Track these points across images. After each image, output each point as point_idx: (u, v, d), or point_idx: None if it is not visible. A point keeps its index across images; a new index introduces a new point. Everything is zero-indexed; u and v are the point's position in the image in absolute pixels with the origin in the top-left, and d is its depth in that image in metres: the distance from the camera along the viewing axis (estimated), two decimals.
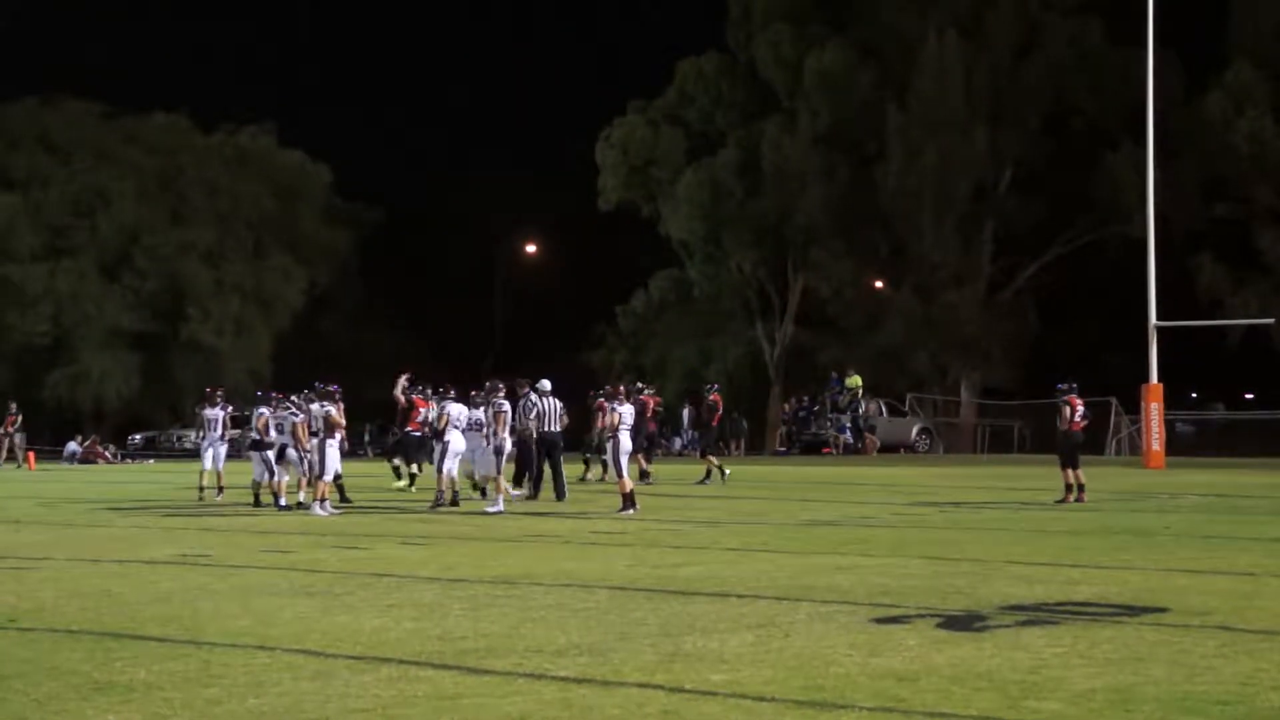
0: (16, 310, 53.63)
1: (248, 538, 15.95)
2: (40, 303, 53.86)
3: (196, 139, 59.77)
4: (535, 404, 22.50)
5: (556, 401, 22.76)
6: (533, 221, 66.55)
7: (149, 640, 8.58)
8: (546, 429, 22.49)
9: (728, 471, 27.14)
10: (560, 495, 22.28)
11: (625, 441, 19.75)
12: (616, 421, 19.69)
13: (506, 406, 20.37)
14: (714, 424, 29.28)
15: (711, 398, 29.47)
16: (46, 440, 49.87)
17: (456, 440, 20.93)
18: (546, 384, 22.84)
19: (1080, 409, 21.36)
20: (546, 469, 23.15)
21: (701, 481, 26.72)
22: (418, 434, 24.38)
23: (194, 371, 55.17)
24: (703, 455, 28.12)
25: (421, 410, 24.24)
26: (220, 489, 22.95)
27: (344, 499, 21.27)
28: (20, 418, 41.83)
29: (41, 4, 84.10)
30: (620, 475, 19.46)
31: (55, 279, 53.88)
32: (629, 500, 19.15)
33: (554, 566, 12.53)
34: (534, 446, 22.75)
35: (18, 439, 41.61)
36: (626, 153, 56.59)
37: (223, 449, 23.49)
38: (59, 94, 57.42)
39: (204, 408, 24.21)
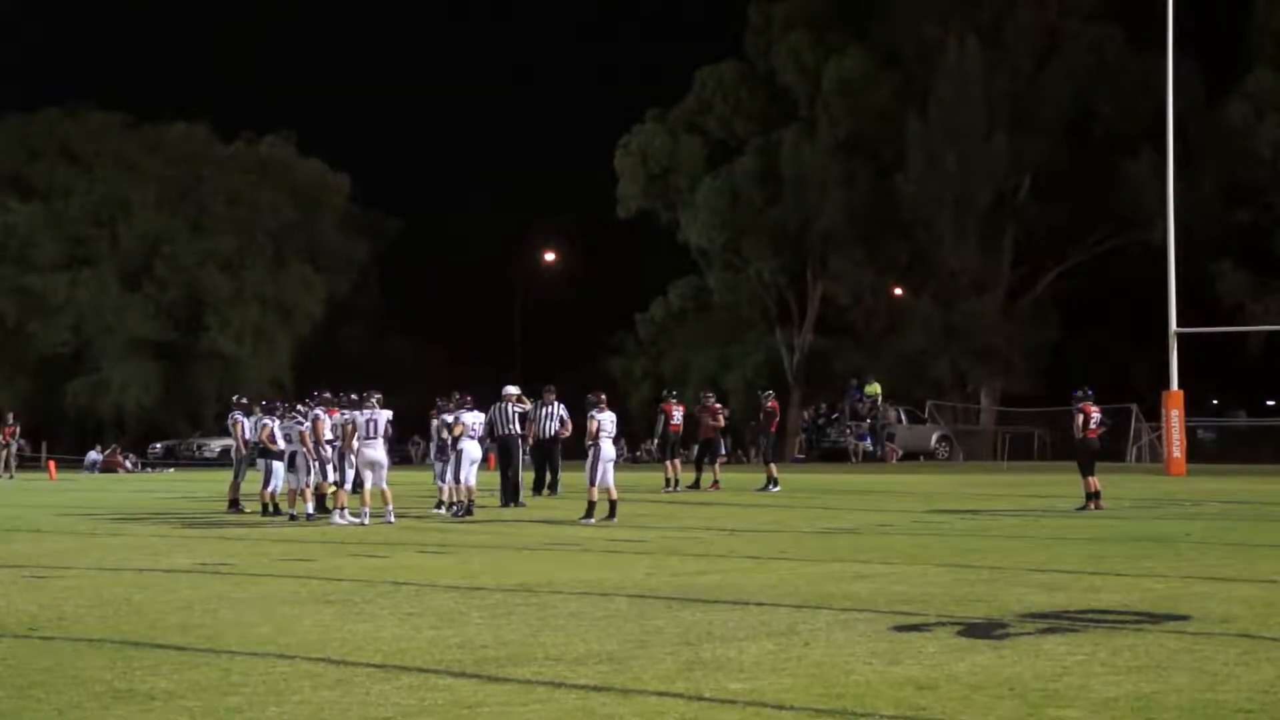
0: (38, 320, 53.85)
1: (267, 546, 15.96)
2: (61, 312, 54.06)
3: (217, 148, 59.95)
4: (505, 408, 23.29)
5: (515, 406, 23.32)
6: (551, 229, 66.62)
7: (169, 649, 8.59)
8: (504, 432, 23.02)
9: (775, 485, 26.70)
10: (512, 499, 22.76)
11: (608, 449, 19.59)
12: (596, 429, 19.45)
13: (349, 416, 19.94)
14: (771, 430, 28.32)
15: (769, 405, 28.34)
16: (67, 449, 50.08)
17: (471, 449, 20.96)
18: (512, 389, 23.37)
19: (1096, 416, 21.17)
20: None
21: (763, 488, 26.45)
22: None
23: (214, 380, 55.37)
24: (765, 462, 27.56)
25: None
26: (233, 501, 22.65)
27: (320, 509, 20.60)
28: (18, 428, 41.91)
29: (62, 15, 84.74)
30: (607, 484, 19.25)
31: (76, 289, 54.08)
32: (613, 509, 19.22)
33: (573, 574, 12.53)
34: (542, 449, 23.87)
35: (13, 448, 41.69)
36: (645, 160, 56.58)
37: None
38: (80, 104, 57.69)
39: (258, 416, 22.37)
